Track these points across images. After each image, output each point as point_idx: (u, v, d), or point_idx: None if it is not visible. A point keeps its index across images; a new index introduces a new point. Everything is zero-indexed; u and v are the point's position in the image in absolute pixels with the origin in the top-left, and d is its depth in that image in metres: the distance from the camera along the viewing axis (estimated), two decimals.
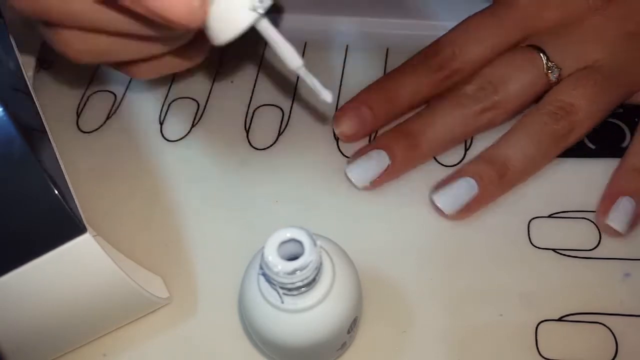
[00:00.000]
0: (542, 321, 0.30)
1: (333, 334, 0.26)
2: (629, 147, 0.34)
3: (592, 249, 0.32)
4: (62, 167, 0.28)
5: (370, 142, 0.37)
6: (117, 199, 0.36)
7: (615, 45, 0.34)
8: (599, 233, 0.32)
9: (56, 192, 0.25)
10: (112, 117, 0.40)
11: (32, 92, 0.30)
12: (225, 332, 0.31)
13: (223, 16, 0.20)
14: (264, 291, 0.24)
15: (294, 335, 0.25)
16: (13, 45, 0.31)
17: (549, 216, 0.33)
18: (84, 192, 0.29)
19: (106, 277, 0.27)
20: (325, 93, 0.23)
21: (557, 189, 0.34)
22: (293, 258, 0.23)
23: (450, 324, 0.30)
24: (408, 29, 0.42)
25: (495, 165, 0.33)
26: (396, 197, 0.35)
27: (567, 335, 0.29)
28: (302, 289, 0.23)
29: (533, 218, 0.33)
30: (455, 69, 0.35)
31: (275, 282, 0.23)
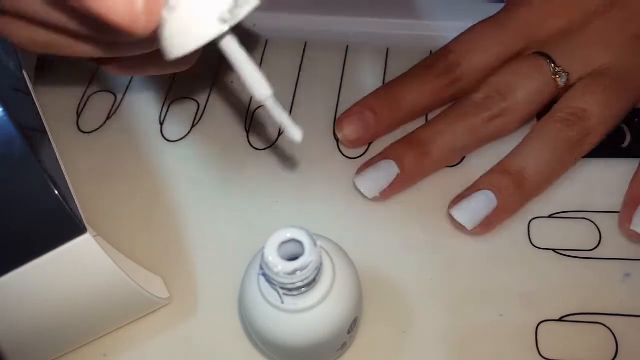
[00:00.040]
0: (542, 321, 0.30)
1: (333, 334, 0.26)
2: None
3: (592, 249, 0.32)
4: (62, 167, 0.28)
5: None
6: (117, 199, 0.36)
7: (621, 48, 0.34)
8: (599, 233, 0.32)
9: (56, 192, 0.25)
10: (112, 117, 0.40)
11: (32, 92, 0.30)
12: (225, 332, 0.31)
13: (180, 25, 0.17)
14: (264, 291, 0.24)
15: (294, 335, 0.25)
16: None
17: (549, 216, 0.33)
18: (84, 192, 0.29)
19: (106, 277, 0.27)
20: (295, 130, 0.20)
21: (557, 189, 0.34)
22: (293, 258, 0.23)
23: (450, 324, 0.30)
24: (408, 29, 0.42)
25: (511, 175, 0.32)
26: (396, 197, 0.34)
27: (567, 335, 0.29)
28: (302, 289, 0.23)
29: (533, 218, 0.33)
30: (458, 75, 0.35)
31: (275, 282, 0.23)
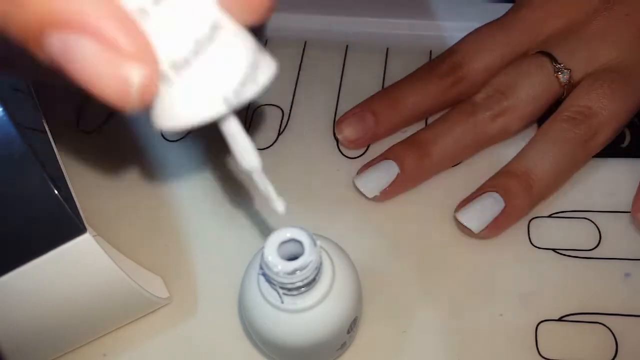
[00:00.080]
0: (542, 321, 0.30)
1: (333, 334, 0.26)
2: None
3: (592, 249, 0.32)
4: (62, 167, 0.28)
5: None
6: (117, 199, 0.36)
7: (626, 43, 0.33)
8: (599, 233, 0.32)
9: (56, 192, 0.25)
10: (112, 117, 0.40)
11: (32, 92, 0.30)
12: (225, 332, 0.31)
13: (176, 100, 0.15)
14: (264, 291, 0.24)
15: (294, 335, 0.25)
16: None
17: (549, 216, 0.33)
18: (84, 192, 0.29)
19: (106, 277, 0.27)
20: (279, 203, 0.20)
21: None
22: (293, 258, 0.23)
23: (450, 324, 0.30)
24: (408, 29, 0.42)
25: (518, 177, 0.32)
26: (396, 197, 0.34)
27: (567, 335, 0.30)
28: (302, 289, 0.23)
29: (533, 218, 0.33)
30: (460, 76, 0.35)
31: (275, 282, 0.23)
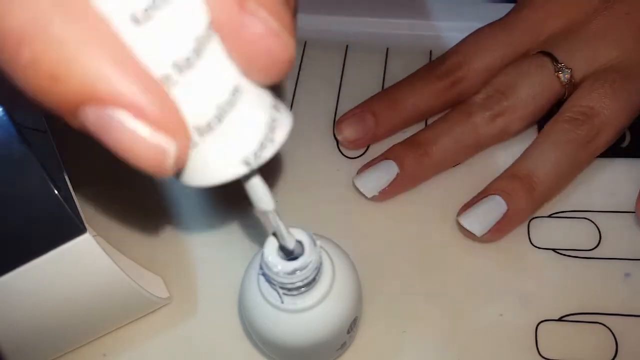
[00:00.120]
0: (542, 321, 0.30)
1: (333, 334, 0.26)
2: None
3: (592, 249, 0.32)
4: (62, 167, 0.28)
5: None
6: (118, 199, 0.36)
7: (627, 42, 0.33)
8: (599, 233, 0.32)
9: (56, 192, 0.24)
10: None
11: None
12: (225, 332, 0.31)
13: (199, 160, 0.17)
14: (264, 291, 0.24)
15: (294, 335, 0.25)
16: None
17: (549, 216, 0.33)
18: (84, 192, 0.29)
19: (106, 277, 0.27)
20: (289, 240, 0.22)
21: None
22: (293, 258, 0.23)
23: (450, 324, 0.30)
24: (408, 29, 0.42)
25: (521, 179, 0.32)
26: (396, 197, 0.34)
27: (567, 335, 0.30)
28: (302, 289, 0.23)
29: (533, 218, 0.33)
30: (460, 77, 0.35)
31: (275, 282, 0.23)
